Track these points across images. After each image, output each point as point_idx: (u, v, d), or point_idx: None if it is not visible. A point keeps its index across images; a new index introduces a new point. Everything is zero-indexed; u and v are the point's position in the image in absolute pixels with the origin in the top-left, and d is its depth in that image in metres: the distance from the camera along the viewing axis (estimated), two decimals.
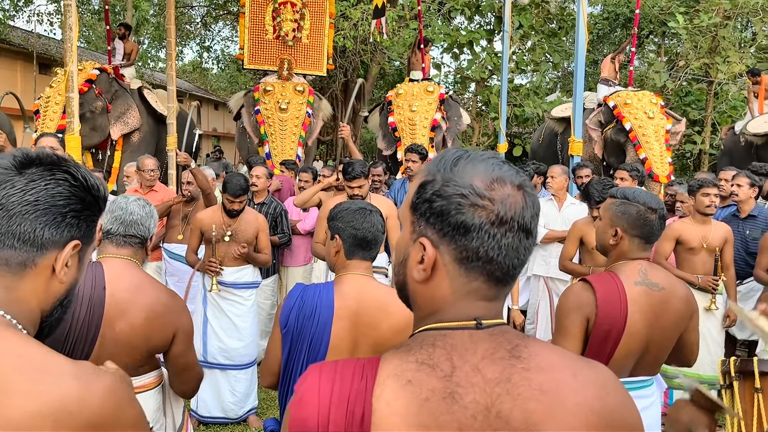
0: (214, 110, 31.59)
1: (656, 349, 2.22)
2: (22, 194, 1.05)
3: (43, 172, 1.08)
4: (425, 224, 0.95)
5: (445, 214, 0.92)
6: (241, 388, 4.36)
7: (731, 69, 12.77)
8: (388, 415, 0.87)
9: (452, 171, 0.94)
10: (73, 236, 1.11)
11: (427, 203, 0.94)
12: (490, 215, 0.91)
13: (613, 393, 0.94)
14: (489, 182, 0.93)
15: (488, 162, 0.95)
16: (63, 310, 1.16)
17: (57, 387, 0.97)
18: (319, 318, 1.99)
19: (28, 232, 1.05)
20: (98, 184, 1.16)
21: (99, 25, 21.99)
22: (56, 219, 1.08)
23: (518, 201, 0.93)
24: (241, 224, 4.30)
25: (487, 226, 0.91)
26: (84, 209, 1.12)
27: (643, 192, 2.28)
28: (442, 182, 0.93)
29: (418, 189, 0.97)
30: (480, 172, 0.93)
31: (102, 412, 1.00)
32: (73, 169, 1.12)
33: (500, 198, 0.92)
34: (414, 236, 0.97)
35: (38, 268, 1.08)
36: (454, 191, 0.92)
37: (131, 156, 8.46)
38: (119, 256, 2.08)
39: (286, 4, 9.19)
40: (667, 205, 5.65)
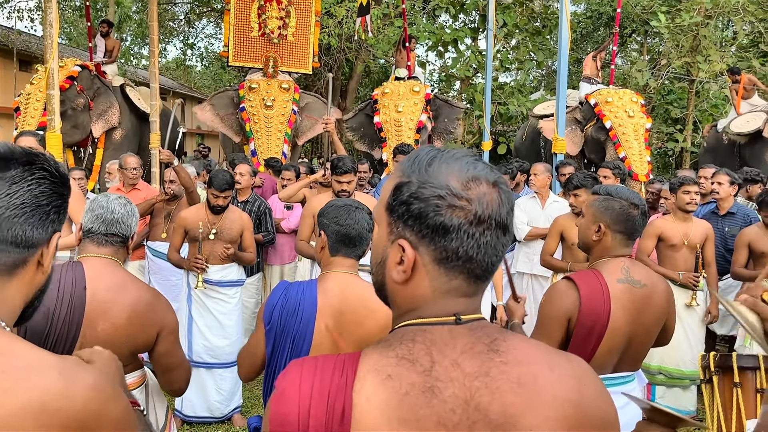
0: None
1: (638, 344, 2.26)
2: (8, 199, 1.06)
3: (23, 173, 1.09)
4: (403, 226, 0.95)
5: (423, 217, 0.92)
6: (227, 387, 4.35)
7: (712, 68, 12.90)
8: (368, 409, 0.88)
9: (427, 172, 0.94)
10: (55, 229, 1.14)
11: (405, 205, 0.94)
12: (468, 215, 0.92)
13: (589, 385, 0.96)
14: (465, 182, 0.93)
15: (462, 161, 0.96)
16: (41, 296, 1.19)
17: (40, 383, 0.97)
18: (302, 315, 1.99)
19: (20, 235, 1.07)
20: (66, 172, 1.19)
21: (80, 22, 21.74)
22: (42, 218, 1.10)
23: (494, 198, 0.94)
24: (226, 222, 4.28)
25: (466, 226, 0.92)
26: (63, 202, 1.15)
27: (626, 189, 2.31)
28: (419, 184, 0.93)
29: (394, 191, 0.97)
30: (455, 171, 0.94)
31: (86, 408, 1.00)
32: (47, 165, 1.13)
33: (477, 197, 0.93)
34: (392, 237, 0.97)
35: (27, 266, 1.11)
36: (431, 193, 0.92)
37: (113, 154, 8.39)
38: (100, 256, 2.06)
39: (272, 2, 9.15)
40: (649, 203, 5.71)
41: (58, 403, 0.97)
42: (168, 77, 28.23)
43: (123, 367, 2.07)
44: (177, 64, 28.48)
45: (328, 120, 5.58)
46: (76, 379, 1.00)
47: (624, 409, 2.30)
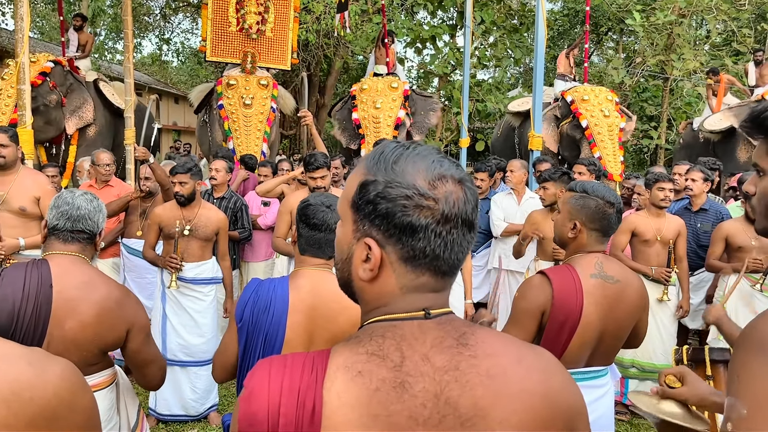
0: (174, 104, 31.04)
1: (610, 339, 2.28)
2: None
3: None
4: (369, 225, 0.95)
5: (390, 216, 0.92)
6: (201, 385, 4.31)
7: (686, 66, 13.11)
8: (338, 406, 0.87)
9: (393, 170, 0.94)
10: None
11: (371, 205, 0.94)
12: (436, 215, 0.92)
13: (556, 377, 0.97)
14: (431, 180, 0.93)
15: (428, 159, 0.96)
16: None
17: (10, 373, 0.97)
18: (273, 312, 1.97)
19: None
20: None
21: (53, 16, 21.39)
22: None
23: (460, 197, 0.94)
24: (201, 219, 4.24)
25: (433, 225, 0.92)
26: None
27: (602, 186, 2.33)
28: (385, 183, 0.93)
29: (360, 189, 0.96)
30: (421, 170, 0.94)
31: (57, 396, 1.00)
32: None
33: (443, 196, 0.93)
34: (357, 235, 0.97)
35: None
36: (398, 193, 0.92)
37: (87, 150, 8.25)
38: (67, 253, 2.02)
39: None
40: (624, 198, 5.78)
41: (30, 392, 0.96)
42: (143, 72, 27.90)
43: (93, 365, 2.05)
44: (152, 60, 28.18)
45: (305, 113, 5.54)
46: (46, 368, 1.00)
47: (596, 403, 2.33)
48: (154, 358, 2.17)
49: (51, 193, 4.14)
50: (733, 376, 1.01)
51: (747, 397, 0.96)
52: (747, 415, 0.95)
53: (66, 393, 1.01)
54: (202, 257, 4.29)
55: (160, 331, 4.21)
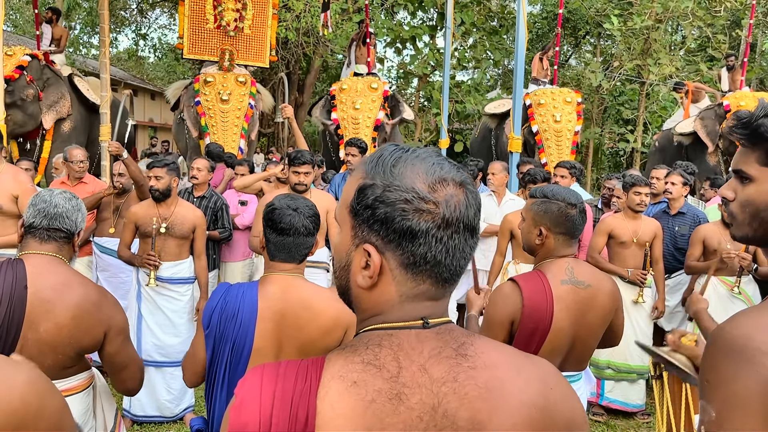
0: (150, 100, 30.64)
1: (582, 345, 2.28)
2: None
3: None
4: (368, 230, 0.91)
5: (389, 221, 0.89)
6: (177, 386, 4.26)
7: (662, 71, 13.28)
8: (332, 417, 0.85)
9: (392, 174, 0.91)
10: None
11: (369, 209, 0.91)
12: (436, 219, 0.89)
13: (555, 388, 0.95)
14: (431, 184, 0.90)
15: (428, 162, 0.93)
16: None
17: None
18: (241, 319, 1.92)
19: None
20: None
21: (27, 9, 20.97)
22: None
23: (461, 200, 0.92)
24: (177, 217, 4.17)
25: (434, 230, 0.89)
26: None
27: (562, 188, 2.31)
28: (384, 187, 0.90)
29: (358, 194, 0.93)
30: (421, 173, 0.91)
31: (24, 403, 0.97)
32: None
33: (444, 200, 0.90)
34: (356, 241, 0.94)
35: None
36: (397, 197, 0.89)
37: (61, 146, 8.09)
38: (43, 252, 1.96)
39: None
40: (605, 199, 5.83)
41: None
42: (119, 68, 27.48)
43: (69, 368, 2.00)
44: (129, 55, 27.74)
45: (285, 107, 5.49)
46: (12, 375, 0.97)
47: None
48: (131, 360, 2.12)
49: (30, 191, 4.05)
50: (703, 380, 1.03)
51: (716, 400, 0.98)
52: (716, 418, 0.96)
53: (33, 398, 0.98)
54: (179, 256, 4.23)
55: (135, 332, 4.14)
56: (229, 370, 1.94)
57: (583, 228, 2.31)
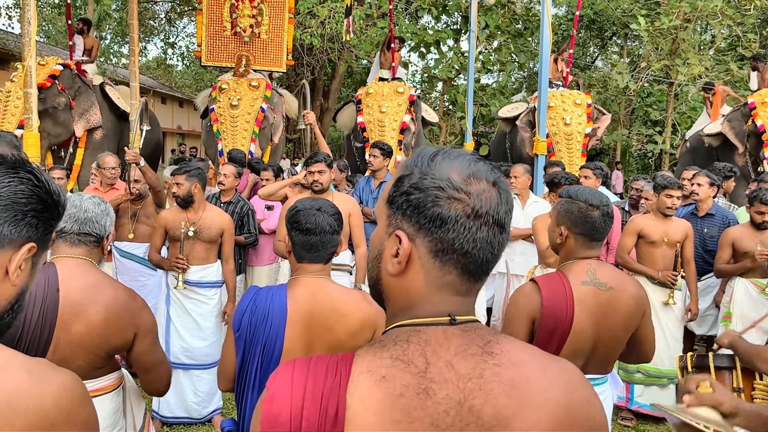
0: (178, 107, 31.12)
1: (605, 348, 2.25)
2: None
3: (7, 170, 1.07)
4: (401, 217, 0.95)
5: (421, 207, 0.93)
6: (204, 388, 4.31)
7: (691, 71, 13.07)
8: (361, 410, 0.87)
9: (429, 165, 0.95)
10: (30, 237, 1.08)
11: (404, 196, 0.95)
12: (466, 208, 0.92)
13: (580, 389, 0.96)
14: (465, 176, 0.94)
15: (464, 158, 0.97)
16: (14, 315, 1.13)
17: (8, 382, 0.95)
18: (271, 322, 1.95)
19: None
20: (59, 191, 1.14)
21: (59, 20, 21.48)
22: (16, 217, 1.06)
23: (493, 196, 0.95)
24: (205, 221, 4.25)
25: (463, 218, 0.92)
26: (44, 211, 1.10)
27: (587, 190, 2.30)
28: (420, 175, 0.94)
29: (396, 183, 0.98)
30: (456, 166, 0.95)
31: (56, 408, 0.98)
32: (36, 172, 1.11)
33: (476, 192, 0.93)
34: (390, 230, 0.97)
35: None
36: (431, 184, 0.93)
37: (93, 154, 8.28)
38: (74, 256, 2.02)
39: (244, 0, 9.11)
40: (632, 200, 5.76)
41: (26, 402, 0.95)
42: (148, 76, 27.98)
43: (99, 368, 2.05)
44: (157, 63, 28.24)
45: (307, 113, 5.54)
46: (47, 378, 0.99)
47: None
48: (160, 361, 2.16)
49: None
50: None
51: None
52: None
53: (65, 406, 1.00)
54: (207, 260, 4.30)
55: (163, 334, 4.21)
56: (260, 372, 1.97)
57: (607, 231, 2.29)
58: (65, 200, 1.17)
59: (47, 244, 1.16)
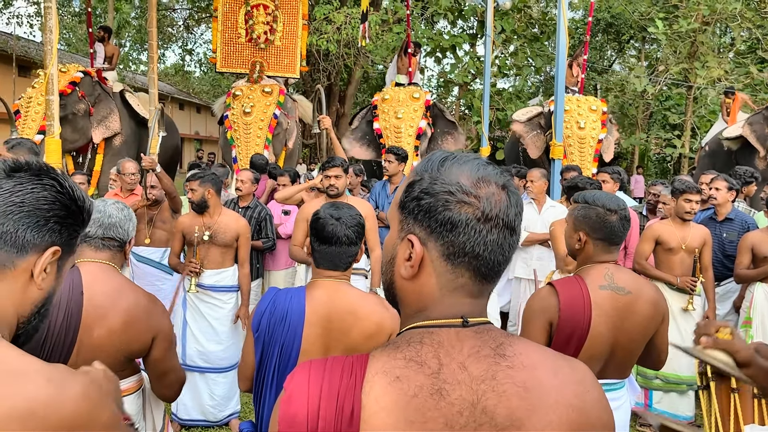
0: (196, 113, 31.42)
1: (623, 352, 2.24)
2: (8, 195, 1.07)
3: (30, 177, 1.10)
4: (413, 221, 0.97)
5: (432, 211, 0.95)
6: (220, 392, 4.35)
7: (710, 74, 12.95)
8: (376, 410, 0.89)
9: (439, 170, 0.97)
10: (54, 242, 1.11)
11: (415, 201, 0.97)
12: (476, 212, 0.94)
13: (591, 391, 0.97)
14: (474, 181, 0.96)
15: (473, 162, 0.99)
16: (40, 318, 1.16)
17: (28, 390, 0.97)
18: (289, 323, 1.98)
19: (11, 232, 1.06)
20: (84, 197, 1.17)
21: (80, 28, 21.79)
22: (39, 222, 1.09)
23: (502, 199, 0.96)
24: (221, 226, 4.29)
25: (473, 222, 0.94)
26: (67, 217, 1.13)
27: (604, 194, 2.30)
28: (430, 180, 0.96)
29: (407, 188, 1.00)
30: (466, 171, 0.97)
31: (75, 415, 1.00)
32: (60, 178, 1.13)
33: (485, 196, 0.95)
34: (402, 234, 0.99)
35: (16, 271, 1.08)
36: (441, 188, 0.95)
37: (113, 159, 8.40)
38: (97, 260, 2.05)
39: (259, 7, 9.22)
40: (650, 205, 5.71)
41: (46, 410, 0.97)
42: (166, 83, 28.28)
43: (120, 371, 2.08)
44: (175, 70, 28.52)
45: (323, 118, 5.57)
46: (65, 386, 1.00)
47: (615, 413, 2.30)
48: (173, 367, 2.17)
49: None
50: None
51: None
52: None
53: (85, 411, 1.01)
54: (223, 264, 4.34)
55: (180, 337, 4.25)
56: (277, 372, 2.00)
57: (624, 235, 2.29)
58: (90, 206, 1.19)
59: (73, 248, 1.18)
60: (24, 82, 16.16)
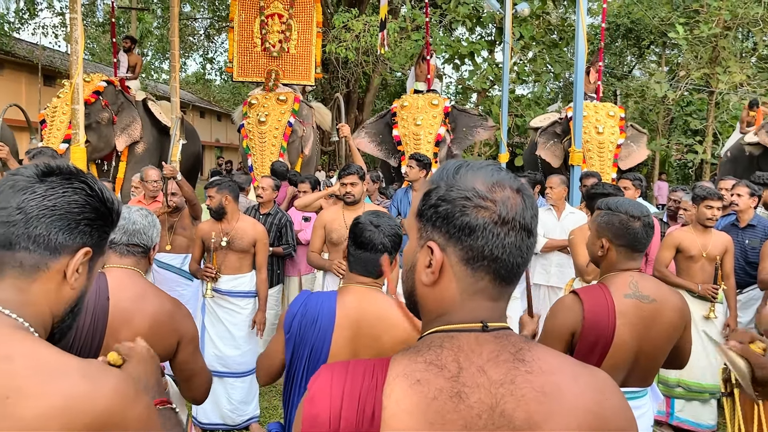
0: (217, 121, 31.74)
1: (647, 360, 2.23)
2: (41, 199, 1.11)
3: (62, 180, 1.14)
4: (432, 229, 0.99)
5: (450, 217, 0.97)
6: (237, 396, 4.39)
7: (732, 79, 12.81)
8: (397, 412, 0.91)
9: (454, 178, 1.00)
10: (85, 243, 1.15)
11: (433, 208, 0.99)
12: (493, 215, 0.96)
13: (611, 398, 0.98)
14: (490, 186, 0.98)
15: (487, 169, 1.01)
16: (73, 317, 1.20)
17: (65, 387, 1.00)
18: (320, 326, 2.01)
19: (44, 235, 1.10)
20: (113, 199, 1.21)
21: (103, 38, 22.17)
22: (70, 225, 1.13)
23: (518, 202, 0.98)
24: (238, 232, 4.36)
25: (491, 225, 0.96)
26: (97, 219, 1.17)
27: (627, 201, 2.29)
28: (446, 188, 0.99)
29: (424, 197, 1.02)
30: (480, 177, 0.99)
31: (110, 409, 1.03)
32: (90, 181, 1.18)
33: (501, 199, 0.97)
34: (421, 242, 1.01)
35: (50, 272, 1.13)
36: (458, 195, 0.97)
37: (135, 167, 8.53)
38: (122, 266, 2.10)
39: (273, 16, 9.37)
40: (670, 212, 5.66)
41: (81, 405, 1.00)
42: (187, 91, 28.62)
43: None
44: (196, 78, 28.87)
45: (342, 126, 5.62)
46: (99, 382, 1.04)
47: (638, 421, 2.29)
48: (200, 369, 2.21)
49: None
50: None
51: None
52: None
53: (119, 406, 1.04)
54: (240, 270, 4.39)
55: (198, 342, 4.31)
56: (306, 374, 2.03)
57: (648, 242, 2.27)
58: (119, 207, 1.24)
59: (103, 249, 1.23)
60: (49, 91, 16.48)
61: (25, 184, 1.12)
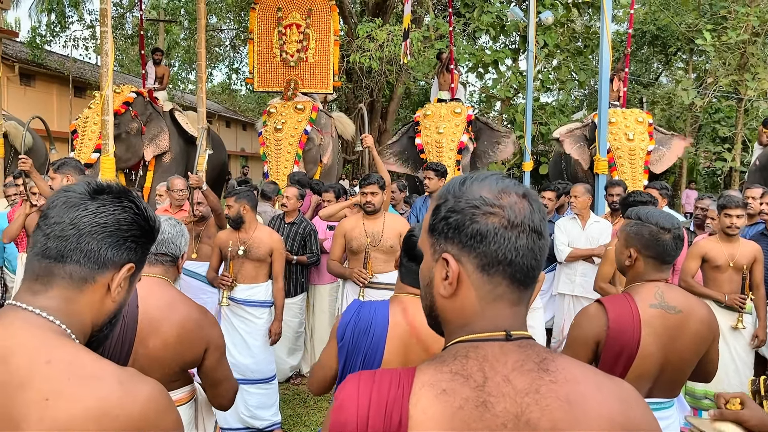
0: (242, 131, 32.07)
1: (673, 371, 2.20)
2: (92, 216, 1.18)
3: (112, 199, 1.21)
4: (444, 241, 1.02)
5: (461, 226, 1.00)
6: (253, 402, 4.42)
7: (761, 86, 12.60)
8: (423, 421, 0.93)
9: (461, 189, 1.03)
10: (130, 259, 1.22)
11: (444, 221, 1.02)
12: (502, 220, 0.99)
13: (636, 408, 0.98)
14: (496, 193, 1.01)
15: (492, 178, 1.04)
16: (111, 328, 1.27)
17: (102, 391, 1.05)
18: (373, 334, 2.05)
19: (94, 250, 1.17)
20: (155, 218, 1.28)
21: (132, 49, 22.56)
22: (118, 241, 1.20)
23: (525, 206, 1.01)
24: (255, 241, 4.40)
25: (501, 230, 0.98)
26: (142, 236, 1.24)
27: (657, 212, 2.27)
28: (454, 200, 1.02)
29: (434, 212, 1.05)
30: (486, 185, 1.02)
31: (143, 416, 1.07)
32: (137, 200, 1.25)
33: (508, 204, 1.00)
34: (435, 256, 1.04)
35: (96, 285, 1.19)
36: (466, 204, 1.00)
37: (162, 176, 8.66)
38: (151, 275, 2.14)
39: (291, 27, 9.54)
40: (698, 220, 5.59)
41: (117, 410, 1.04)
42: (213, 101, 28.98)
43: (174, 381, 2.16)
44: (222, 89, 29.25)
45: (366, 137, 5.68)
46: (135, 388, 1.08)
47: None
48: (227, 376, 2.25)
49: None
50: None
51: None
52: None
53: (152, 413, 1.08)
54: (256, 279, 4.44)
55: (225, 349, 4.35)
56: None
57: (677, 255, 2.24)
58: (159, 225, 1.30)
59: (143, 264, 1.29)
60: (79, 102, 16.83)
61: (77, 200, 1.19)
